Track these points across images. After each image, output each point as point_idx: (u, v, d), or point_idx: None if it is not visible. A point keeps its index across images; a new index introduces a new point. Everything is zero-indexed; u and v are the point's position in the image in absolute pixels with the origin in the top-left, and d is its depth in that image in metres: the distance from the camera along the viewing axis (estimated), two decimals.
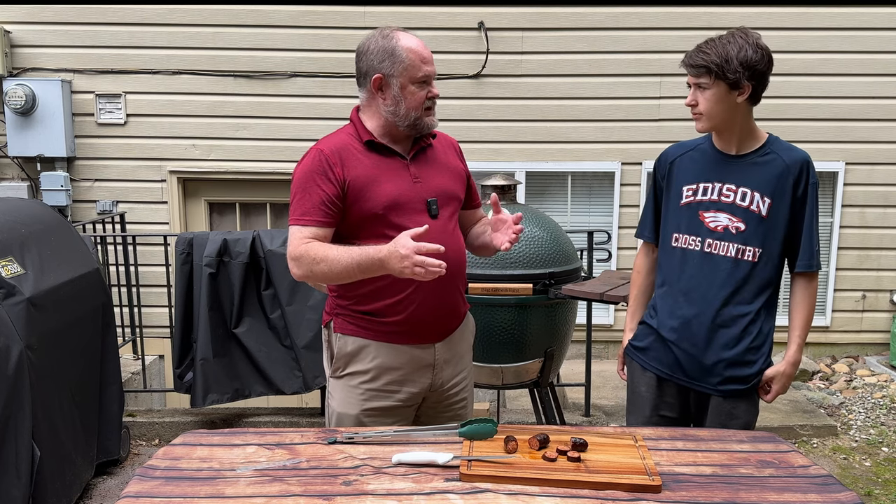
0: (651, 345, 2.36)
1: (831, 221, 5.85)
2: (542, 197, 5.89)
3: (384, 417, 2.23)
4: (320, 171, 2.11)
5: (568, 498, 1.68)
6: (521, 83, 5.70)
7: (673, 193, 2.32)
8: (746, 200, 2.20)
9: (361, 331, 2.21)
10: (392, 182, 2.15)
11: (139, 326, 4.98)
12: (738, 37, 2.12)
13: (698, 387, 2.28)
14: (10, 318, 2.91)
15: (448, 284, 2.22)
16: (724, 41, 2.12)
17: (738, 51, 2.10)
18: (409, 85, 2.11)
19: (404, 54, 2.09)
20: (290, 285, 4.12)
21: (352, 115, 2.26)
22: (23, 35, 5.65)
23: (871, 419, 4.70)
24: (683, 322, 2.26)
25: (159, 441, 4.35)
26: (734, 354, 2.23)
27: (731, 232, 2.21)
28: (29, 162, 5.74)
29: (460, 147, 2.42)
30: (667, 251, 2.34)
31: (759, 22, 5.56)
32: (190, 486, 1.73)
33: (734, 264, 2.21)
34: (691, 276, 2.25)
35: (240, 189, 5.95)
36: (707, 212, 2.24)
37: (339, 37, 5.60)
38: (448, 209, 2.24)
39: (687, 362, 2.27)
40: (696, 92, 2.18)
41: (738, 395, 2.26)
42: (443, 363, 2.29)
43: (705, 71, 2.13)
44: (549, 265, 3.36)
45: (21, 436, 2.89)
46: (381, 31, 2.14)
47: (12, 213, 3.38)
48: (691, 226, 2.26)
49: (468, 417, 2.41)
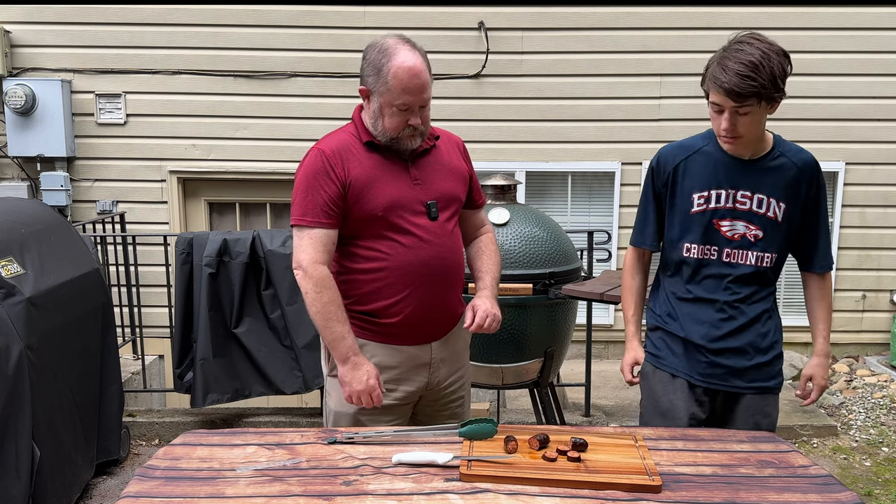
0: (676, 351, 2.29)
1: (831, 221, 5.85)
2: (542, 197, 5.88)
3: (381, 416, 2.23)
4: (322, 171, 2.12)
5: (568, 498, 1.68)
6: (521, 83, 5.70)
7: (680, 200, 2.23)
8: (763, 207, 2.16)
9: (359, 330, 2.21)
10: (392, 184, 2.15)
11: (139, 326, 4.98)
12: (767, 49, 2.01)
13: (729, 388, 2.26)
14: (10, 318, 2.90)
15: (446, 286, 2.24)
16: (762, 59, 1.99)
17: (779, 66, 2.01)
18: (387, 106, 2.09)
19: (389, 77, 2.05)
20: (290, 285, 4.11)
21: (354, 114, 2.25)
22: (23, 35, 5.65)
23: (872, 419, 4.70)
24: (711, 326, 2.22)
25: (159, 441, 4.35)
26: (762, 351, 2.24)
27: (749, 240, 2.18)
28: (29, 162, 5.74)
29: (465, 146, 2.41)
30: (677, 260, 2.27)
31: (759, 22, 5.56)
32: (190, 486, 1.73)
33: (755, 270, 2.20)
34: (711, 284, 2.22)
35: (240, 189, 5.95)
36: (723, 220, 2.18)
37: (339, 37, 5.60)
38: (448, 211, 2.24)
39: (718, 365, 2.24)
40: (734, 117, 2.06)
41: (769, 391, 2.26)
42: (439, 362, 2.30)
43: (755, 98, 2.02)
44: (549, 265, 3.36)
45: (21, 436, 2.88)
46: (383, 44, 2.09)
47: (12, 213, 3.38)
48: (707, 235, 2.20)
49: (466, 416, 2.42)
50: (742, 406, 2.26)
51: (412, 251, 2.16)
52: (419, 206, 2.17)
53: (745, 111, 2.04)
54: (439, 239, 2.19)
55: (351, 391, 2.14)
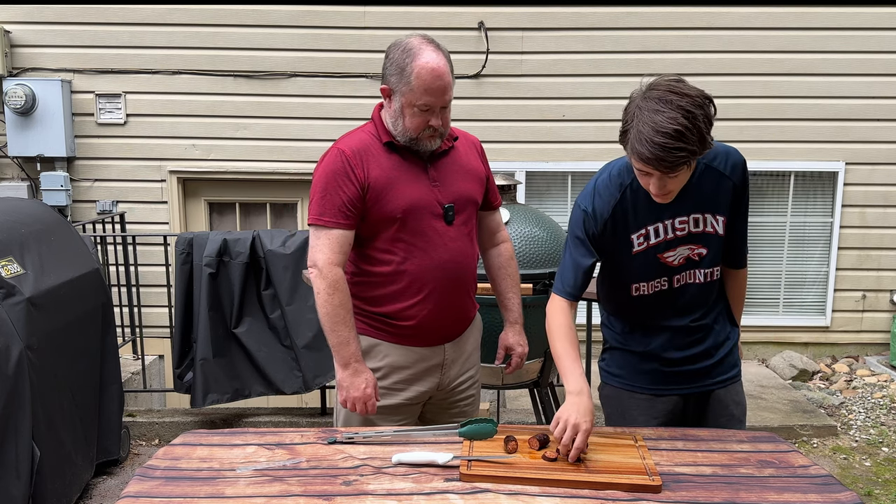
0: (638, 368, 2.23)
1: (831, 221, 5.85)
2: (542, 197, 5.88)
3: (392, 415, 2.25)
4: (342, 171, 2.11)
5: (568, 498, 1.68)
6: (521, 83, 5.70)
7: (620, 244, 2.09)
8: (701, 225, 2.08)
9: (373, 331, 2.24)
10: (410, 185, 2.15)
11: (139, 326, 4.98)
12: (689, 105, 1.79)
13: (697, 389, 2.25)
14: (10, 318, 2.90)
15: (459, 289, 2.26)
16: (687, 122, 1.77)
17: (704, 121, 1.80)
18: (409, 107, 2.09)
19: (412, 77, 2.04)
20: (289, 285, 4.12)
21: (374, 113, 2.24)
22: (23, 35, 5.65)
23: (871, 419, 4.70)
24: (673, 346, 2.18)
25: (159, 441, 4.35)
26: (721, 346, 2.23)
27: (693, 259, 2.11)
28: (29, 162, 5.74)
29: (482, 147, 2.41)
30: (626, 301, 2.18)
31: (759, 22, 5.56)
32: (190, 486, 1.73)
33: (705, 284, 2.15)
34: (667, 312, 2.16)
35: (240, 189, 5.95)
36: (666, 252, 2.09)
37: (339, 37, 5.60)
38: (464, 214, 2.25)
39: (683, 373, 2.21)
40: (664, 181, 1.88)
41: (733, 380, 2.26)
42: (451, 363, 2.32)
43: (684, 165, 1.83)
44: (549, 265, 3.36)
45: (21, 436, 2.88)
46: (407, 43, 2.08)
47: (12, 213, 3.38)
48: (653, 271, 2.11)
49: (475, 415, 2.44)
50: (713, 402, 2.25)
51: (428, 255, 2.17)
52: (437, 209, 2.18)
53: (675, 174, 1.86)
54: (455, 242, 2.21)
55: (347, 396, 2.16)
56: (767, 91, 5.61)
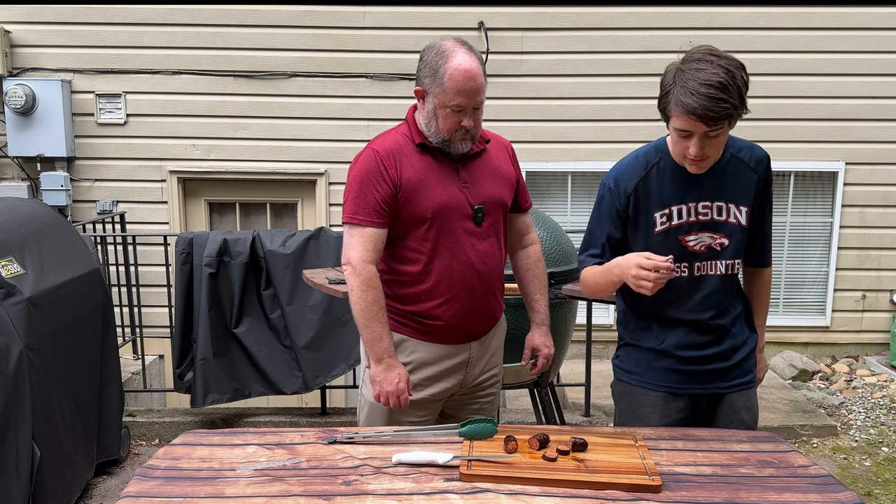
0: (653, 365, 2.23)
1: (831, 221, 5.85)
2: (542, 197, 5.89)
3: (415, 410, 2.29)
4: (376, 171, 2.15)
5: (568, 498, 1.68)
6: (521, 83, 5.70)
7: (643, 222, 2.13)
8: (724, 214, 2.12)
9: (403, 328, 2.28)
10: (442, 186, 2.19)
11: (139, 326, 4.98)
12: (730, 65, 1.90)
13: (711, 390, 2.24)
14: (10, 318, 2.90)
15: (486, 290, 2.29)
16: (729, 77, 1.88)
17: (742, 81, 1.90)
18: (442, 108, 2.13)
19: (445, 78, 2.09)
20: (290, 285, 4.12)
21: (408, 114, 2.28)
22: (23, 35, 5.65)
23: (871, 419, 4.70)
24: (690, 343, 2.18)
25: (159, 441, 4.35)
26: (738, 349, 2.23)
27: (715, 249, 2.13)
28: (29, 162, 5.74)
29: (514, 149, 2.44)
30: None
31: (759, 22, 5.56)
32: (190, 486, 1.73)
33: (725, 277, 2.16)
34: (686, 303, 2.17)
35: (240, 189, 5.95)
36: (688, 235, 2.12)
37: (339, 37, 5.60)
38: (493, 216, 2.27)
39: (699, 373, 2.21)
40: (703, 141, 1.95)
41: (748, 385, 2.26)
42: (475, 361, 2.36)
43: (726, 120, 1.91)
44: (549, 265, 3.35)
45: (21, 436, 2.88)
46: (441, 46, 2.12)
47: (12, 213, 3.38)
48: (674, 253, 2.10)
49: (494, 412, 2.49)
50: (725, 405, 2.25)
51: (457, 255, 2.21)
52: (467, 210, 2.21)
53: (715, 134, 1.93)
54: (483, 244, 2.24)
55: (381, 391, 2.19)
56: (767, 91, 5.61)
